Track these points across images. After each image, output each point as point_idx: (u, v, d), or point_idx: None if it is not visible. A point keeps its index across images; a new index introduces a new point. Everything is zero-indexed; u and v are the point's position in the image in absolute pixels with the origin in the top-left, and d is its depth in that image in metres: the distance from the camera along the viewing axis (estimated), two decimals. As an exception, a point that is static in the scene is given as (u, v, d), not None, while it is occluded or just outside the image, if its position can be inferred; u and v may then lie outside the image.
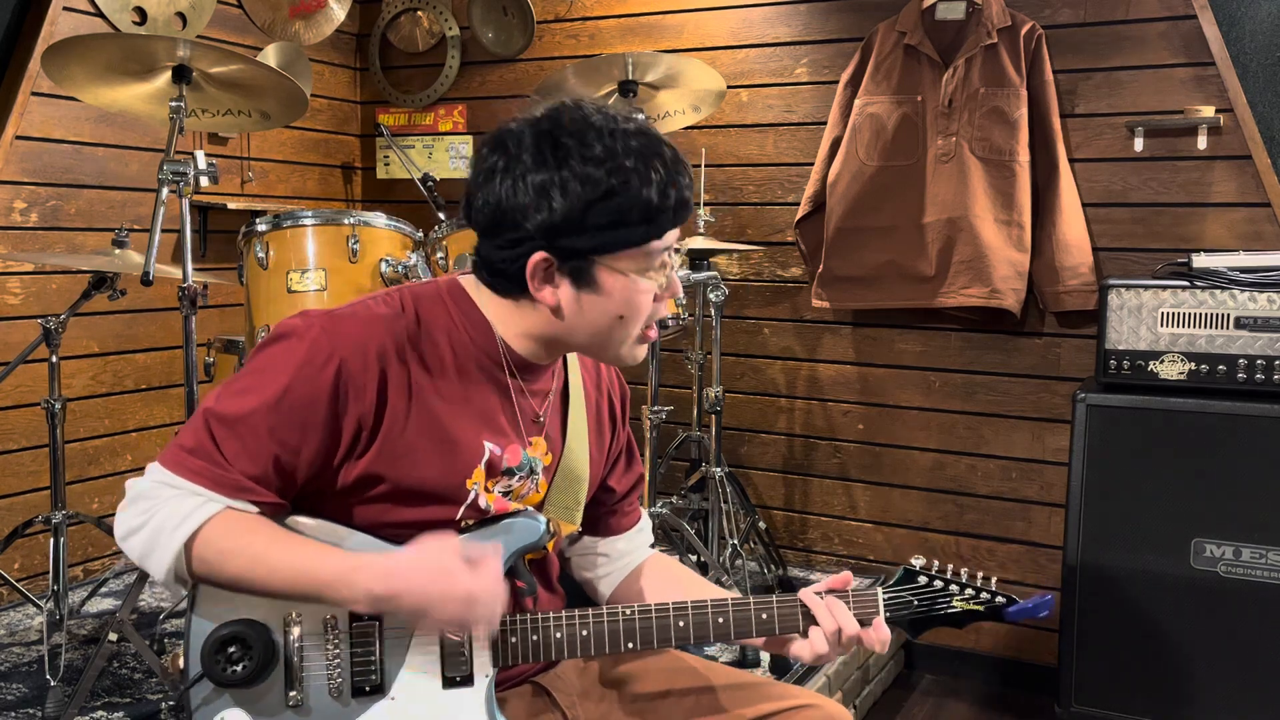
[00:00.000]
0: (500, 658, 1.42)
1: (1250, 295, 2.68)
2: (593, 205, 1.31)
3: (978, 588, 1.50)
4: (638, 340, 1.43)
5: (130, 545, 1.35)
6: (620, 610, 1.45)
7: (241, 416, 1.33)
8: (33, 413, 3.18)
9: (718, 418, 3.23)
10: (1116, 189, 3.18)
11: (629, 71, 2.99)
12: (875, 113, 3.32)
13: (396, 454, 1.37)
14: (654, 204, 1.33)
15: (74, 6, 3.21)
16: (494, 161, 1.35)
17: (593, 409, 1.59)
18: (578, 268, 1.35)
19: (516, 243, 1.35)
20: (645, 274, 1.38)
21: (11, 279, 3.15)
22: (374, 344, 1.36)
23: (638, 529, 1.70)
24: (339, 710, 1.38)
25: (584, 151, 1.31)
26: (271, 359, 1.35)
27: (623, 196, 1.31)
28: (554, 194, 1.31)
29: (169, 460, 1.35)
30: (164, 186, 2.36)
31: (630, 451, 1.69)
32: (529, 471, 1.49)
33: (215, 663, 1.35)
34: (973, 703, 3.30)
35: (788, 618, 1.47)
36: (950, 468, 3.46)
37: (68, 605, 2.68)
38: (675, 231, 1.39)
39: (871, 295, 3.39)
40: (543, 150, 1.32)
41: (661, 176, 1.33)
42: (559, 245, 1.34)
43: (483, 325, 1.43)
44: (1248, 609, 2.64)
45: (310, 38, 3.96)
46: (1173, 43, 3.07)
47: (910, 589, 1.50)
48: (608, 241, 1.34)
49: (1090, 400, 2.77)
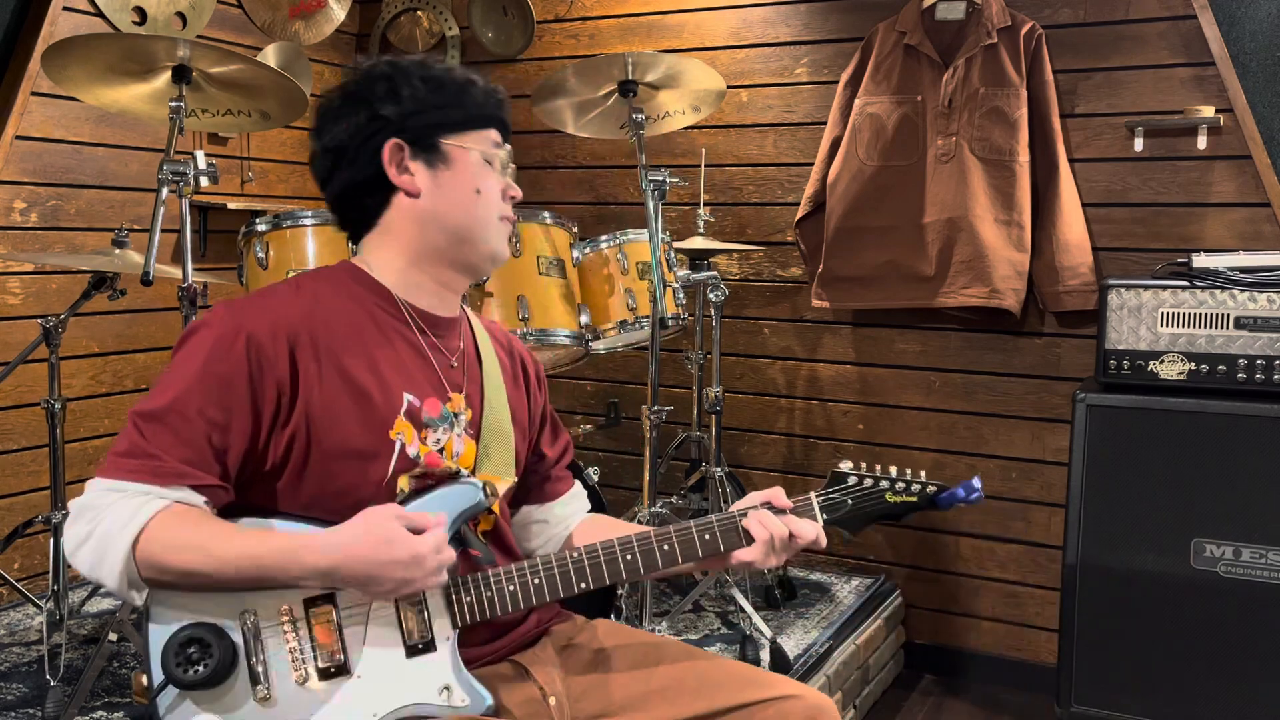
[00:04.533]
0: (458, 618, 1.45)
1: (1250, 295, 2.68)
2: (433, 90, 1.52)
3: (908, 480, 1.56)
4: (500, 220, 1.57)
5: (80, 558, 1.37)
6: (567, 554, 1.50)
7: (166, 407, 1.38)
8: (33, 413, 3.18)
9: (718, 418, 3.23)
10: (1116, 189, 3.18)
11: (629, 71, 2.98)
12: (875, 113, 3.32)
13: (316, 415, 1.42)
14: (481, 91, 1.56)
15: (74, 6, 3.21)
16: (335, 102, 1.56)
17: (507, 371, 1.67)
18: (429, 146, 1.52)
19: (369, 140, 1.50)
20: (487, 155, 1.55)
21: (11, 279, 3.15)
22: (281, 317, 1.44)
23: (572, 494, 1.78)
24: (307, 697, 1.40)
25: (412, 58, 1.58)
26: (185, 352, 1.43)
27: (455, 86, 1.54)
28: (399, 87, 1.52)
29: (107, 470, 1.39)
30: (164, 186, 2.36)
31: (555, 421, 1.79)
32: (450, 424, 1.53)
33: (176, 665, 1.36)
34: (973, 703, 3.30)
35: (729, 533, 1.53)
36: (950, 468, 3.46)
37: (68, 605, 2.68)
38: (499, 134, 1.58)
39: (871, 295, 3.39)
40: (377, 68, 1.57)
41: (480, 82, 1.58)
42: (408, 126, 1.51)
43: (379, 289, 1.54)
44: (1248, 609, 2.64)
45: (310, 38, 3.96)
46: (1173, 42, 3.07)
47: (842, 490, 1.56)
48: (450, 119, 1.53)
49: (1090, 400, 2.77)
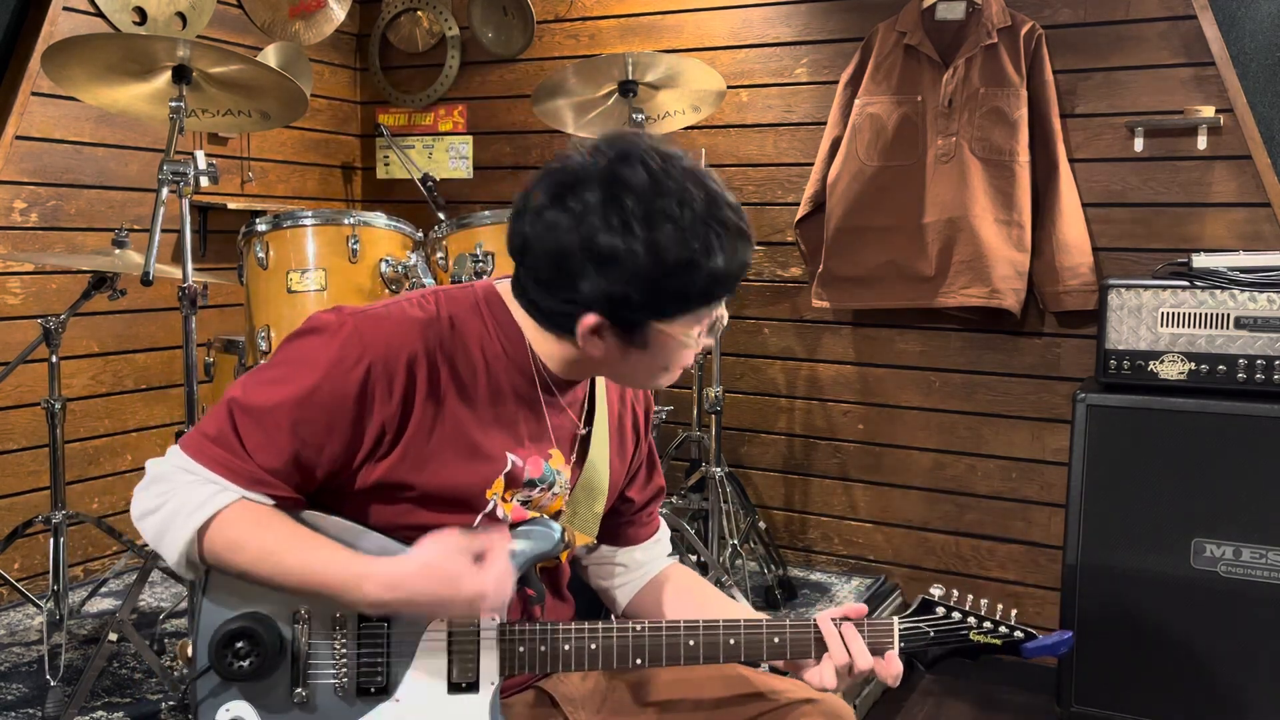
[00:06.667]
0: (507, 666, 1.42)
1: (1250, 295, 2.68)
2: (658, 281, 1.29)
3: (996, 621, 1.47)
4: (665, 378, 1.44)
5: (145, 525, 1.36)
6: (630, 626, 1.44)
7: (267, 409, 1.32)
8: (33, 413, 3.18)
9: (718, 418, 3.23)
10: (1116, 189, 3.18)
11: (629, 71, 2.99)
12: (875, 113, 3.32)
13: (418, 460, 1.37)
14: (718, 277, 1.31)
15: (74, 6, 3.21)
16: (555, 208, 1.30)
17: (615, 421, 1.58)
18: (631, 329, 1.34)
19: (572, 300, 1.32)
20: (693, 332, 1.37)
21: (11, 279, 3.15)
22: (405, 348, 1.35)
23: (655, 539, 1.69)
24: (343, 709, 1.39)
25: (653, 221, 1.27)
26: (302, 352, 1.35)
27: (688, 273, 1.29)
28: (620, 264, 1.27)
29: (190, 445, 1.35)
30: (164, 186, 2.36)
31: (651, 463, 1.67)
32: (550, 484, 1.49)
33: (222, 657, 1.35)
34: (973, 703, 3.30)
35: (800, 643, 1.45)
36: (950, 468, 3.46)
37: (68, 605, 2.68)
38: (722, 303, 1.38)
39: (871, 295, 3.39)
40: (611, 212, 1.27)
41: (726, 248, 1.30)
42: (618, 313, 1.32)
43: (517, 338, 1.42)
44: (1248, 609, 2.64)
45: (310, 38, 3.96)
46: (1173, 43, 3.07)
47: (927, 620, 1.47)
48: (666, 311, 1.33)
49: (1090, 400, 2.77)
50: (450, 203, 3.69)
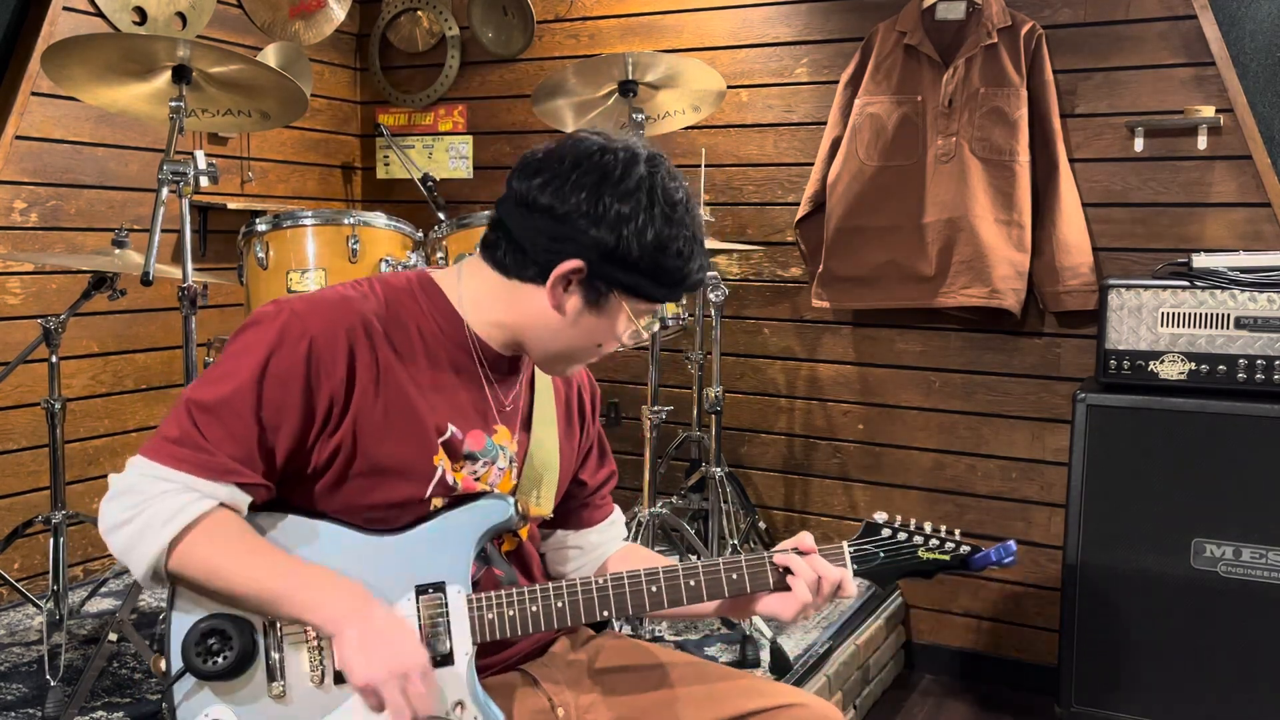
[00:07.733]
0: (478, 634, 1.45)
1: (1250, 295, 2.68)
2: (652, 255, 1.41)
3: (942, 537, 1.53)
4: (584, 364, 1.55)
5: (115, 539, 1.37)
6: (593, 580, 1.49)
7: (222, 400, 1.36)
8: (33, 413, 3.18)
9: (718, 418, 3.23)
10: (1116, 189, 3.18)
11: (629, 71, 2.99)
12: (875, 113, 3.32)
13: (365, 429, 1.41)
14: (689, 281, 1.46)
15: (74, 6, 3.21)
16: (584, 170, 1.40)
17: (561, 401, 1.64)
18: (599, 290, 1.43)
19: (563, 239, 1.40)
20: (638, 319, 1.48)
21: (11, 279, 3.15)
22: (343, 324, 1.41)
23: (609, 522, 1.75)
24: (322, 698, 1.40)
25: (670, 213, 1.41)
26: (245, 344, 1.39)
27: (673, 263, 1.43)
28: (630, 229, 1.39)
29: (153, 451, 1.37)
30: (164, 186, 2.36)
31: (603, 448, 1.74)
32: (492, 458, 1.52)
33: (196, 655, 1.36)
34: (973, 703, 3.30)
35: (758, 575, 1.50)
36: (950, 468, 3.46)
37: (68, 605, 2.68)
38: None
39: (871, 295, 3.39)
40: (639, 188, 1.40)
41: (700, 264, 1.47)
42: (600, 267, 1.41)
43: (452, 316, 1.49)
44: (1248, 609, 2.64)
45: (310, 38, 3.96)
46: (1173, 43, 3.07)
47: (874, 541, 1.52)
48: (640, 288, 1.43)
49: (1090, 400, 2.77)
50: (450, 203, 3.69)
